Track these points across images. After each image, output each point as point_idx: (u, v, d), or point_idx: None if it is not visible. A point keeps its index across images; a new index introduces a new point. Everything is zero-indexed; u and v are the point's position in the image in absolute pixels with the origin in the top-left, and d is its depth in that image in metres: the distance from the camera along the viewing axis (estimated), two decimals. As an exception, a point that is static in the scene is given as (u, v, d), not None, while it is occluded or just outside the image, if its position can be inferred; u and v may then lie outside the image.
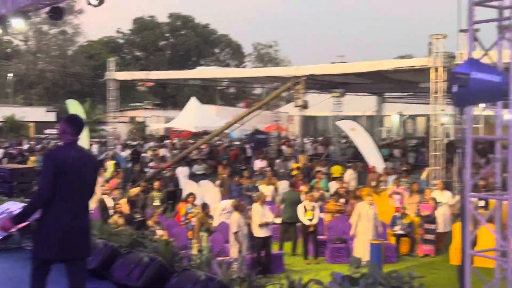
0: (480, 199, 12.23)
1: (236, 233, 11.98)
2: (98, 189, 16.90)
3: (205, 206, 12.93)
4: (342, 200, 16.20)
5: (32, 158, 27.22)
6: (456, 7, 6.09)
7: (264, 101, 19.68)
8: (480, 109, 6.64)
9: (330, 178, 22.06)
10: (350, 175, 20.95)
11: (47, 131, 47.15)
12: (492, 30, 6.50)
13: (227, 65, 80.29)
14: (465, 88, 4.33)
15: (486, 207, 13.54)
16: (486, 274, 6.50)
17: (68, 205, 5.55)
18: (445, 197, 15.23)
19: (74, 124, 5.77)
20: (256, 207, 12.92)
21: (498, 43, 6.16)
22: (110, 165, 22.81)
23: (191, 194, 14.55)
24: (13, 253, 9.53)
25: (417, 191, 16.16)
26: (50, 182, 5.46)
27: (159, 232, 12.19)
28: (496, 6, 6.15)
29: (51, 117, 52.86)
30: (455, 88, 4.33)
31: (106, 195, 15.03)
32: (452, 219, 14.80)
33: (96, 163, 6.18)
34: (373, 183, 19.29)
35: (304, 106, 21.27)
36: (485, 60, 6.33)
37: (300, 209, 14.14)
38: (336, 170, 23.65)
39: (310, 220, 13.92)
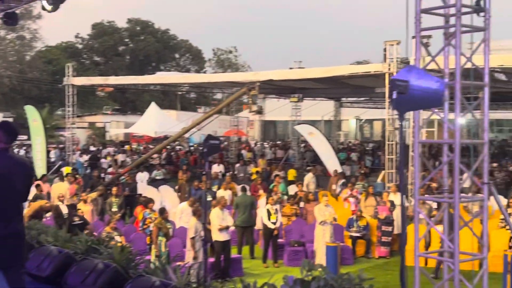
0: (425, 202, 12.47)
1: (193, 238, 11.94)
2: (55, 196, 16.74)
3: (162, 211, 12.84)
4: (302, 204, 16.33)
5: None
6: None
7: (219, 106, 19.65)
8: (429, 113, 6.75)
9: (288, 182, 22.21)
10: (309, 179, 21.08)
11: (4, 137, 46.15)
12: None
13: (187, 70, 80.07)
14: (404, 94, 4.43)
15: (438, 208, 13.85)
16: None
17: (1, 213, 5.44)
18: (398, 199, 15.43)
19: (7, 132, 5.60)
20: (216, 211, 12.90)
21: (445, 49, 6.30)
22: (67, 171, 22.47)
23: (149, 199, 14.44)
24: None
25: (373, 193, 16.33)
26: None
27: (117, 238, 12.05)
28: (442, 14, 6.30)
29: (9, 123, 51.80)
30: (394, 95, 4.43)
31: (61, 202, 14.79)
32: (407, 221, 15.06)
33: (30, 170, 6.05)
34: (334, 187, 19.55)
35: (259, 111, 21.32)
36: (432, 66, 6.47)
37: (264, 213, 14.18)
38: (290, 173, 23.87)
39: (274, 223, 13.96)
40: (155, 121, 37.60)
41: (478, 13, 6.09)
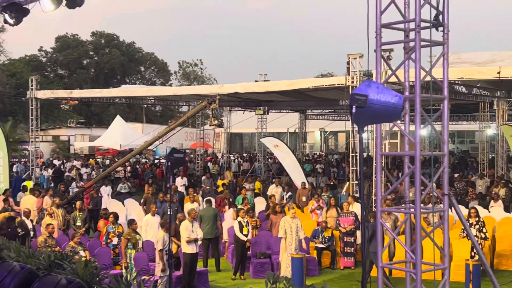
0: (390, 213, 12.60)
1: (161, 250, 11.84)
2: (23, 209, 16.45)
3: (131, 222, 12.77)
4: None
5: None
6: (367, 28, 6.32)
7: (180, 120, 19.54)
8: (391, 125, 6.83)
9: (255, 194, 22.23)
10: (273, 190, 21.12)
11: (-34, 151, 45.24)
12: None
13: (153, 83, 79.71)
14: (363, 108, 4.50)
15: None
16: (402, 284, 6.70)
17: None
18: (356, 210, 15.54)
19: None
20: (185, 223, 12.83)
21: (405, 63, 6.41)
22: (28, 185, 22.09)
23: (111, 213, 14.28)
24: None
25: (335, 205, 16.42)
26: None
27: (81, 253, 11.88)
28: (402, 28, 6.41)
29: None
30: (354, 109, 4.49)
31: (25, 217, 14.54)
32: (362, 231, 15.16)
33: None
34: (304, 198, 19.62)
35: (219, 125, 21.31)
36: (393, 79, 6.58)
37: (236, 225, 14.14)
38: (256, 186, 24.01)
39: (246, 235, 13.93)
40: (120, 134, 37.34)
41: (437, 28, 6.22)
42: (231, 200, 19.10)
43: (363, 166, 19.18)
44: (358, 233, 14.95)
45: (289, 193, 20.66)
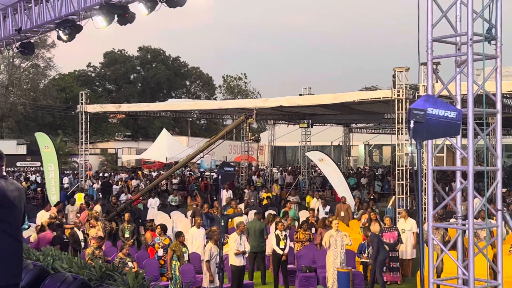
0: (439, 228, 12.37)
1: (208, 261, 11.86)
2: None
3: (179, 235, 12.81)
4: (313, 229, 16.22)
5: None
6: (417, 42, 6.25)
7: (219, 134, 19.61)
8: (442, 139, 6.71)
9: (300, 207, 22.14)
10: (316, 204, 21.00)
11: (19, 163, 46.46)
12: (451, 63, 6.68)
13: (198, 97, 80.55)
14: (421, 123, 4.44)
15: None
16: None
17: (14, 236, 5.64)
18: (409, 225, 15.31)
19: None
20: (233, 236, 12.84)
21: (456, 76, 6.30)
22: (79, 197, 22.50)
23: (159, 225, 14.40)
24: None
25: (375, 219, 16.17)
26: None
27: (130, 264, 12.00)
28: (453, 42, 6.31)
29: (22, 149, 52.14)
30: (412, 123, 4.43)
31: (77, 228, 14.79)
32: (418, 246, 14.91)
33: (24, 194, 6.08)
34: (342, 213, 19.38)
35: (256, 139, 21.38)
36: (444, 93, 6.47)
37: (272, 238, 14.08)
38: (308, 199, 23.86)
39: (283, 249, 13.86)
40: (166, 147, 37.74)
41: (489, 42, 6.10)
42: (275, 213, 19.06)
43: (411, 180, 18.92)
44: (404, 247, 14.74)
45: (328, 207, 20.47)
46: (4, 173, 5.83)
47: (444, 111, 4.59)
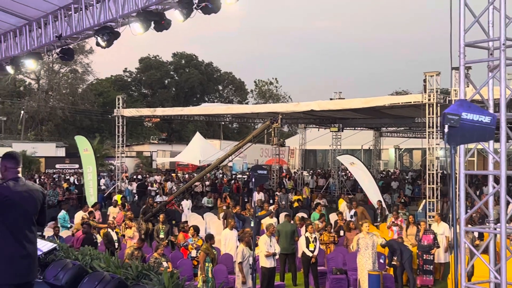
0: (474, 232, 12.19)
1: (240, 263, 11.87)
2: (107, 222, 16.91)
3: (210, 237, 12.84)
4: (342, 232, 16.14)
5: (43, 192, 27.12)
6: (448, 46, 6.18)
7: (246, 139, 19.64)
8: (473, 144, 6.61)
9: (330, 209, 22.02)
10: (345, 207, 20.86)
11: (58, 165, 47.23)
12: (482, 68, 6.58)
13: (230, 101, 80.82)
14: (456, 128, 4.39)
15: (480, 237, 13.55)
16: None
17: (12, 235, 5.79)
18: (441, 229, 15.12)
19: (9, 158, 5.95)
20: (264, 238, 12.84)
21: (488, 81, 6.21)
22: (117, 198, 22.78)
23: (192, 226, 14.47)
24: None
25: (414, 222, 16.03)
26: None
27: (165, 264, 12.08)
28: (486, 47, 6.23)
29: (61, 152, 52.99)
30: (446, 128, 4.38)
31: (110, 229, 14.96)
32: (450, 250, 14.70)
33: (41, 196, 6.19)
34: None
35: (281, 144, 21.31)
36: (477, 97, 6.38)
37: (302, 240, 14.05)
38: (340, 202, 23.73)
39: (312, 251, 13.81)
40: (199, 150, 37.93)
41: (522, 46, 6.00)
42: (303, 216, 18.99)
43: (441, 184, 18.62)
44: (440, 252, 14.56)
45: (353, 210, 20.31)
46: (19, 175, 5.99)
47: (478, 116, 4.54)
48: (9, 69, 14.72)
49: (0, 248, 5.80)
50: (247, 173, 39.78)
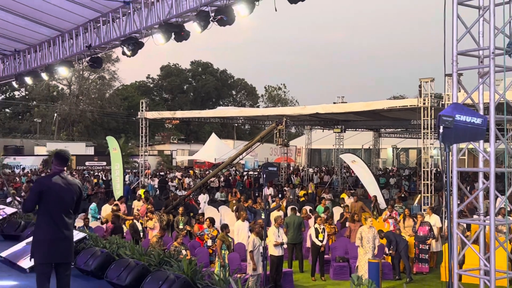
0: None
1: (251, 252, 11.87)
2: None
3: (225, 227, 12.87)
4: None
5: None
6: (442, 55, 6.15)
7: (255, 139, 19.67)
8: (465, 144, 6.58)
9: (333, 203, 21.95)
10: (347, 201, 20.79)
11: (87, 163, 47.48)
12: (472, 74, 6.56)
13: (243, 105, 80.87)
14: (450, 129, 4.37)
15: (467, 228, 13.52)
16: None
17: (53, 220, 6.22)
18: (433, 220, 15.03)
19: (58, 158, 6.52)
20: (272, 229, 12.84)
21: (479, 87, 6.18)
22: (140, 192, 22.84)
23: (207, 218, 14.48)
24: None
25: (410, 215, 15.95)
26: (32, 200, 6.28)
27: (184, 252, 12.11)
28: (476, 55, 6.20)
29: (90, 151, 53.25)
30: (441, 129, 4.37)
31: (136, 220, 15.01)
32: (442, 240, 14.62)
33: (78, 189, 6.54)
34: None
35: (285, 144, 21.26)
36: (468, 101, 6.34)
37: (312, 231, 14.03)
38: (343, 196, 23.69)
39: (321, 241, 13.80)
40: (215, 149, 38.01)
41: (510, 55, 5.96)
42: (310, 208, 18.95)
43: (435, 180, 18.47)
44: (433, 242, 14.48)
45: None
46: (65, 173, 6.46)
47: (470, 118, 4.52)
48: (44, 76, 14.81)
49: (43, 232, 6.25)
50: (258, 170, 39.80)
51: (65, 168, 6.55)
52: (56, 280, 6.34)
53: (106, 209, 17.38)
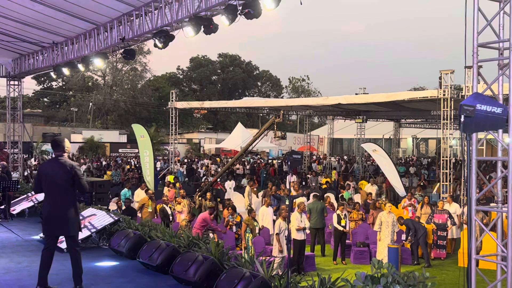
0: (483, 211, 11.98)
1: (277, 234, 11.92)
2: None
3: (251, 211, 12.94)
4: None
5: (109, 172, 27.64)
6: (463, 47, 6.04)
7: (260, 131, 19.69)
8: (483, 133, 6.48)
9: (356, 190, 21.86)
10: (369, 189, 20.69)
11: (120, 150, 48.05)
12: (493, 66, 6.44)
13: (268, 96, 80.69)
14: (471, 118, 4.31)
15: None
16: (489, 275, 6.35)
17: (49, 199, 6.89)
18: (453, 208, 14.88)
19: (52, 144, 6.98)
20: (295, 214, 12.87)
21: (499, 78, 6.06)
22: (170, 178, 23.03)
23: (230, 206, 14.51)
24: (92, 251, 9.69)
25: (428, 203, 15.81)
26: (36, 184, 7.08)
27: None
28: (496, 47, 6.08)
29: (123, 138, 53.87)
30: (462, 118, 4.30)
31: (165, 204, 15.16)
32: (460, 227, 14.47)
33: (68, 168, 6.84)
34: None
35: (282, 137, 21.12)
36: (488, 93, 6.24)
37: (334, 217, 14.02)
38: (362, 183, 23.59)
39: (344, 227, 13.78)
40: (240, 138, 38.08)
41: (530, 47, 5.82)
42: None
43: (453, 169, 18.19)
44: (453, 228, 14.37)
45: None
46: (59, 156, 6.87)
47: (491, 107, 4.45)
48: (80, 67, 15.01)
49: (43, 210, 7.04)
50: (282, 159, 39.79)
51: (62, 152, 6.93)
52: (67, 248, 7.00)
53: (139, 194, 17.58)
